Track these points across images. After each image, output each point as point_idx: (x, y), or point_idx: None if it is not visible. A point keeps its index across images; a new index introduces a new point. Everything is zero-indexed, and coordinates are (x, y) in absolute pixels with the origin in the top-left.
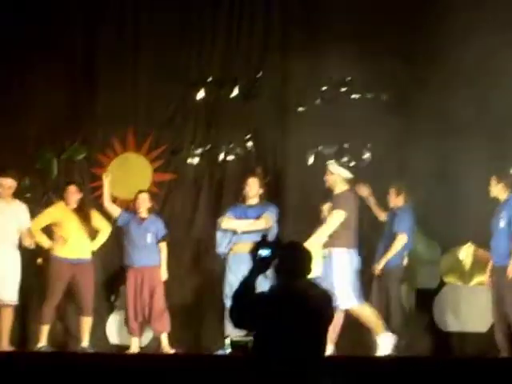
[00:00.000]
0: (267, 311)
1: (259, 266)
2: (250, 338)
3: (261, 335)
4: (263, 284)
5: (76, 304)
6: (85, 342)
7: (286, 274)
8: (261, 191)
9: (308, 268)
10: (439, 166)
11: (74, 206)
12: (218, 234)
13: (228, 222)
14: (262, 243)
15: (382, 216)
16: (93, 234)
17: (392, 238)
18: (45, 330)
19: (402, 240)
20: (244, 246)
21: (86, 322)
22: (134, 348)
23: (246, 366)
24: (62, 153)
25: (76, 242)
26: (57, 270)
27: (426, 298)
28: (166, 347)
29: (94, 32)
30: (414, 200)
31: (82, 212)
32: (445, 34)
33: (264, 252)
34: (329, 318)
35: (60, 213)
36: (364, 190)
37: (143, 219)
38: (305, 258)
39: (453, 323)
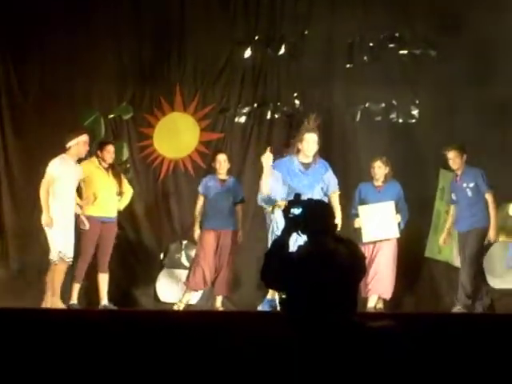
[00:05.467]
0: (296, 270)
1: (291, 224)
2: None
3: (291, 294)
4: (299, 242)
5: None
6: (105, 300)
7: (313, 232)
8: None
9: (334, 224)
10: (487, 120)
11: (107, 165)
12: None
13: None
14: (295, 202)
15: None
16: (120, 194)
17: (477, 199)
18: (77, 288)
19: (493, 198)
20: None
21: (104, 279)
22: (185, 301)
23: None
24: (109, 112)
25: (105, 201)
26: (89, 229)
27: None
28: (220, 308)
29: None
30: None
31: (114, 171)
32: None
33: (296, 211)
34: (358, 274)
35: (92, 169)
36: None
37: (223, 181)
38: (329, 214)
39: (501, 280)
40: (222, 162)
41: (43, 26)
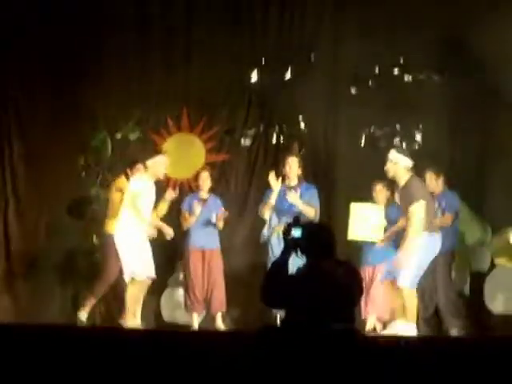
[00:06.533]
0: (296, 291)
1: (291, 246)
2: None
3: (291, 314)
4: (297, 264)
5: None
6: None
7: (313, 254)
8: (299, 171)
9: (334, 248)
10: (491, 146)
11: None
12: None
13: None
14: (294, 224)
15: None
16: None
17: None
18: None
19: (450, 218)
20: None
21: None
22: (195, 325)
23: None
24: (116, 132)
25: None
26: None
27: (477, 281)
28: (221, 326)
29: (147, 13)
30: (466, 181)
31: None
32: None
33: (296, 233)
34: (357, 294)
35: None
36: None
37: (205, 200)
38: (330, 238)
39: (503, 305)
40: (204, 180)
41: (51, 50)
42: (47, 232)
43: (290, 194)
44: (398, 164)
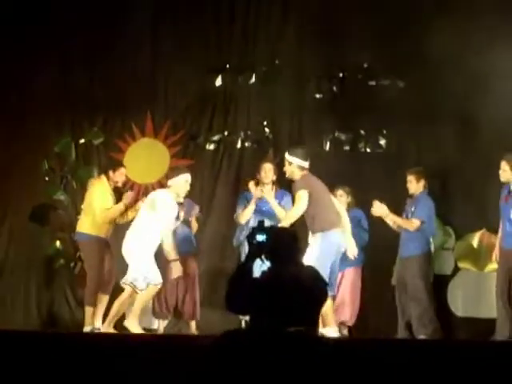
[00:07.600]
0: (259, 297)
1: (255, 251)
2: None
3: (255, 320)
4: (261, 269)
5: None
6: (98, 322)
7: (277, 259)
8: (274, 178)
9: (298, 252)
10: (454, 153)
11: (114, 186)
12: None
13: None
14: (259, 229)
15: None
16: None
17: None
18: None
19: (415, 224)
20: None
21: (104, 301)
22: (161, 330)
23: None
24: (80, 137)
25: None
26: (94, 247)
27: (440, 284)
28: (194, 332)
29: (114, 18)
30: (429, 187)
31: (117, 193)
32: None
33: (260, 237)
34: (321, 301)
35: (99, 188)
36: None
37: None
38: (295, 243)
39: (466, 308)
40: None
41: (14, 53)
42: (10, 238)
43: (265, 191)
44: (293, 164)
